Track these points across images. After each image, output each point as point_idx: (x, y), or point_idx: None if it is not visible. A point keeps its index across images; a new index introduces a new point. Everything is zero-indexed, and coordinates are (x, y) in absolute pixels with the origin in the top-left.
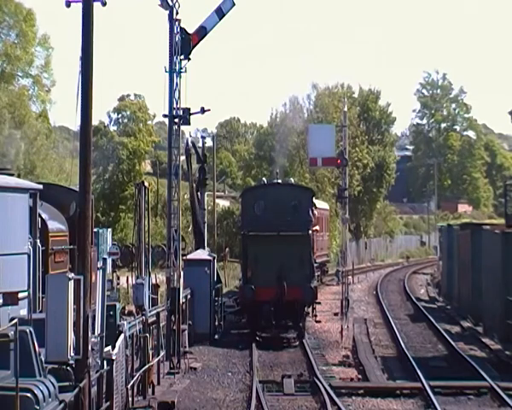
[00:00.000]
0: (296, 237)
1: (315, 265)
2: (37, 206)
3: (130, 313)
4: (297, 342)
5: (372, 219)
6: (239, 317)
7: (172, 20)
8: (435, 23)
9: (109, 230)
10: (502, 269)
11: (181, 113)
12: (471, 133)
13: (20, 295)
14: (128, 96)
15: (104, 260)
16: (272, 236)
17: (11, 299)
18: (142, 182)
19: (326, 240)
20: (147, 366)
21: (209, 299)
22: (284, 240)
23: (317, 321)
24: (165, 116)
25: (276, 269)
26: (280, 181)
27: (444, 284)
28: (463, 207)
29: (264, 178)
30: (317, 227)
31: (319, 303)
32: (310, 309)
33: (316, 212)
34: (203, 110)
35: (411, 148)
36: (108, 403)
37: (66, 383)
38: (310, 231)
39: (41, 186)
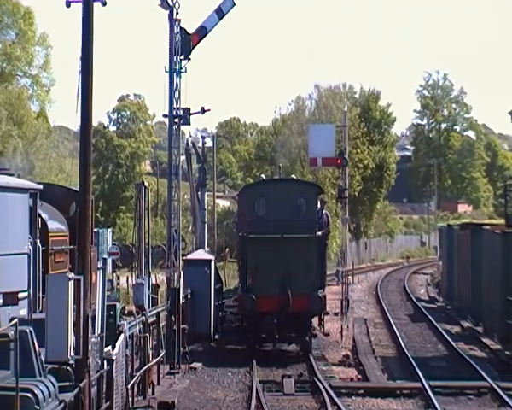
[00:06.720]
0: (302, 239)
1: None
2: (37, 206)
3: (130, 313)
4: (302, 358)
5: (372, 220)
6: (238, 320)
7: (172, 20)
8: (436, 23)
9: (109, 230)
10: (502, 269)
11: (181, 113)
12: (471, 133)
13: (20, 295)
14: (128, 96)
15: (104, 260)
16: (275, 238)
17: (11, 299)
18: (142, 182)
19: None
20: (147, 366)
21: (209, 299)
22: (288, 243)
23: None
24: (165, 116)
25: (279, 276)
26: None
27: (444, 284)
28: (463, 208)
29: (262, 175)
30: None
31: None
32: (317, 320)
33: (328, 212)
34: (203, 110)
35: (411, 148)
36: (108, 403)
37: (66, 383)
38: (318, 233)
39: (41, 186)
